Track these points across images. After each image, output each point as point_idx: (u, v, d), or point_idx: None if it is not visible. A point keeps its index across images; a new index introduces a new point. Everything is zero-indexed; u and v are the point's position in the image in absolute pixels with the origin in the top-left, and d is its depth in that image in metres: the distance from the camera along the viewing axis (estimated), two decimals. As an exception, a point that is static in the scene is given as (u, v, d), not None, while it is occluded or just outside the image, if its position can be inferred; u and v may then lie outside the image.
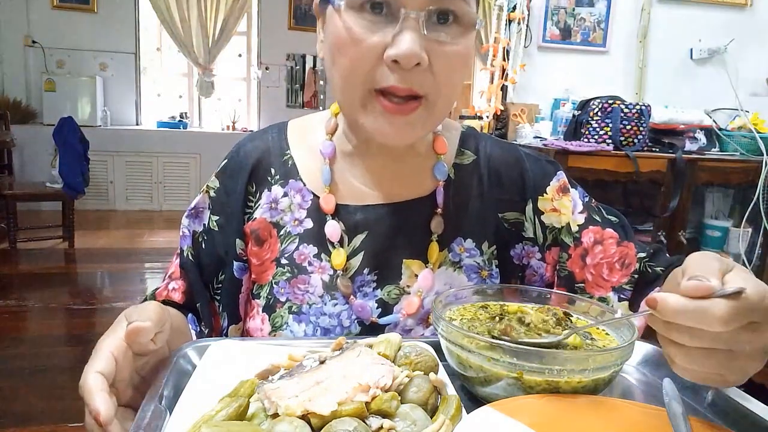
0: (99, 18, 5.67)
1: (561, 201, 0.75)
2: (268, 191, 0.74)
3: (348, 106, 0.64)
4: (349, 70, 0.60)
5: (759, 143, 2.33)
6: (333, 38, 0.61)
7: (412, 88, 0.60)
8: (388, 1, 0.58)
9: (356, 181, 0.74)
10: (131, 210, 5.75)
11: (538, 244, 0.76)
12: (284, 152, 0.76)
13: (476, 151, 0.78)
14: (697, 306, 0.40)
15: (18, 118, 5.20)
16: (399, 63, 0.58)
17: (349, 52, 0.59)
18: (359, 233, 0.72)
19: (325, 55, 0.65)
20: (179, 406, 0.47)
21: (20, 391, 2.28)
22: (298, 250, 0.72)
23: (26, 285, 3.56)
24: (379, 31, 0.58)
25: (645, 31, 2.61)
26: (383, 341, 0.55)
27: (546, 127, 2.49)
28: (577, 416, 0.47)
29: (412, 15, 0.57)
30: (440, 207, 0.73)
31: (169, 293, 0.77)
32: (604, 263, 0.73)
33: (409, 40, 0.57)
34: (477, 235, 0.74)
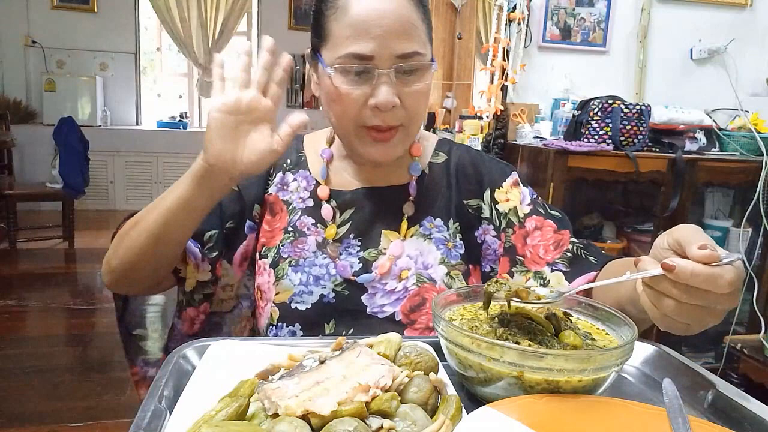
0: (99, 18, 5.67)
1: (513, 192, 0.93)
2: (282, 174, 0.95)
3: (343, 136, 0.86)
4: (341, 115, 0.81)
5: (759, 143, 2.33)
6: (327, 91, 0.81)
7: (390, 123, 0.80)
8: (365, 66, 0.77)
9: (348, 176, 0.94)
10: (131, 210, 5.70)
11: (493, 225, 0.93)
12: (299, 151, 0.97)
13: (448, 153, 0.97)
14: (712, 272, 0.49)
15: (18, 118, 5.20)
16: (379, 108, 0.78)
17: (341, 103, 0.79)
18: (348, 208, 0.91)
19: (322, 100, 0.85)
20: (179, 406, 0.47)
21: (20, 391, 2.28)
22: (300, 219, 0.91)
23: (26, 285, 3.56)
24: (362, 85, 0.78)
25: (645, 31, 2.61)
26: (383, 341, 0.55)
27: (546, 127, 2.49)
28: (577, 416, 0.47)
29: (384, 72, 0.77)
30: (412, 195, 0.92)
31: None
32: (540, 245, 0.88)
33: (385, 92, 0.77)
34: (444, 215, 0.92)
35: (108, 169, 5.62)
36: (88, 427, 2.06)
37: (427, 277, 0.86)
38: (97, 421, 2.10)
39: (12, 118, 4.89)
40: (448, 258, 0.88)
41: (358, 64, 0.77)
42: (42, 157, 4.96)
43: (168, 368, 0.54)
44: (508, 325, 0.58)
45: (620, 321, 0.58)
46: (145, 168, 5.76)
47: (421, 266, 0.87)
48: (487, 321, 0.59)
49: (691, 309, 0.51)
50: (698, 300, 0.50)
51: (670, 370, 0.61)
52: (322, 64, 0.80)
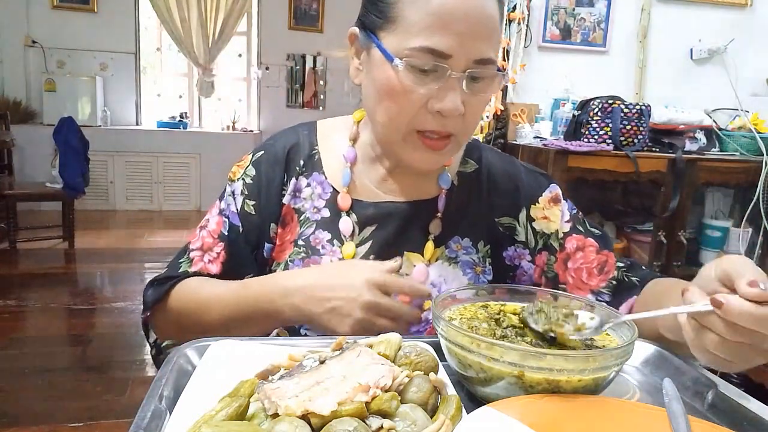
0: (99, 18, 5.67)
1: (552, 210, 0.85)
2: (295, 180, 0.84)
3: (389, 139, 0.75)
4: (396, 114, 0.71)
5: (759, 143, 2.33)
6: (382, 84, 0.71)
7: (449, 131, 0.72)
8: (440, 66, 0.67)
9: (372, 183, 0.84)
10: (131, 210, 5.75)
11: (528, 248, 0.85)
12: (313, 147, 0.85)
13: (479, 161, 0.87)
14: (762, 313, 0.46)
15: (18, 118, 5.19)
16: (442, 114, 0.69)
17: (398, 100, 0.70)
18: (369, 225, 0.82)
19: (367, 89, 0.75)
20: (179, 406, 0.47)
21: (20, 391, 2.28)
22: (314, 234, 0.81)
23: (26, 285, 3.56)
24: (426, 84, 0.68)
25: (645, 31, 2.61)
26: (383, 341, 0.55)
27: (546, 127, 2.49)
28: (577, 416, 0.47)
29: (457, 76, 0.68)
30: (440, 211, 0.83)
31: (205, 266, 0.83)
32: (583, 268, 0.82)
33: (454, 98, 0.68)
34: (474, 234, 0.84)
35: (108, 169, 5.62)
36: (88, 427, 2.06)
37: None
38: (97, 421, 2.10)
39: (12, 118, 4.88)
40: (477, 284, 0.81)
41: (433, 61, 0.67)
42: (42, 157, 4.96)
43: (168, 368, 0.54)
44: (502, 325, 0.58)
45: (620, 321, 0.58)
46: (145, 168, 5.76)
47: None
48: (486, 320, 0.59)
49: (736, 346, 0.48)
50: (745, 338, 0.48)
51: (670, 370, 0.61)
52: (381, 51, 0.70)
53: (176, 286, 0.82)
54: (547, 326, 0.56)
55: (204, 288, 0.79)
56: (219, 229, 0.83)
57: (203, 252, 0.83)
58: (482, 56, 0.68)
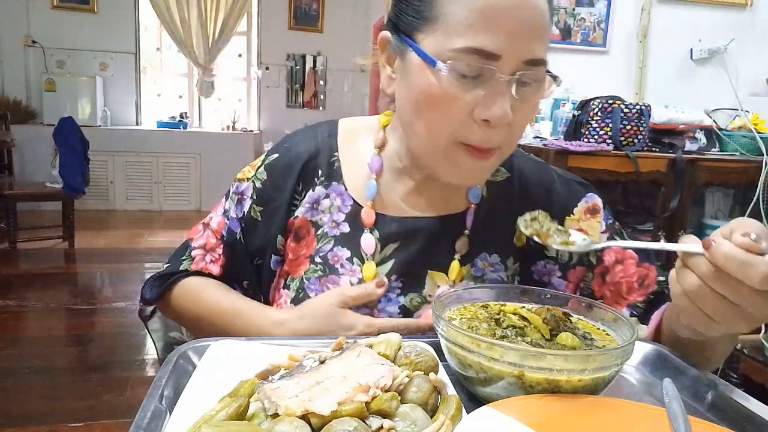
0: (99, 18, 5.67)
1: (589, 222, 0.78)
2: (312, 191, 0.77)
3: (429, 152, 0.68)
4: (437, 124, 0.65)
5: (759, 143, 2.33)
6: (423, 92, 0.63)
7: (494, 144, 0.65)
8: (487, 69, 0.61)
9: (397, 196, 0.77)
10: (131, 210, 5.75)
11: (559, 263, 0.79)
12: (333, 153, 0.79)
13: (510, 169, 0.81)
14: (746, 258, 0.45)
15: (18, 118, 5.19)
16: (490, 123, 0.62)
17: (441, 109, 0.63)
18: (392, 242, 0.76)
19: (405, 102, 0.68)
20: (179, 406, 0.47)
21: (20, 391, 2.28)
22: (333, 251, 0.76)
23: (26, 285, 3.56)
24: (471, 90, 0.61)
25: (645, 31, 2.61)
26: (383, 341, 0.55)
27: (546, 127, 2.49)
28: (577, 416, 0.47)
29: (506, 80, 0.61)
30: (468, 228, 0.77)
31: (206, 266, 0.81)
32: (623, 282, 0.76)
33: (503, 104, 0.61)
34: (503, 251, 0.78)
35: (108, 169, 5.62)
36: (88, 427, 2.06)
37: None
38: (97, 421, 2.10)
39: (12, 118, 4.89)
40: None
41: (480, 62, 0.60)
42: (42, 157, 4.96)
43: (168, 368, 0.54)
44: (502, 325, 0.58)
45: (620, 321, 0.58)
46: (145, 168, 5.76)
47: None
48: (486, 320, 0.59)
49: (717, 300, 0.47)
50: (727, 291, 0.46)
51: (670, 370, 0.61)
52: (421, 55, 0.63)
53: (177, 283, 0.81)
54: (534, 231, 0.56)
55: (204, 295, 0.78)
56: (220, 230, 0.81)
57: (206, 251, 0.81)
58: (533, 56, 0.61)
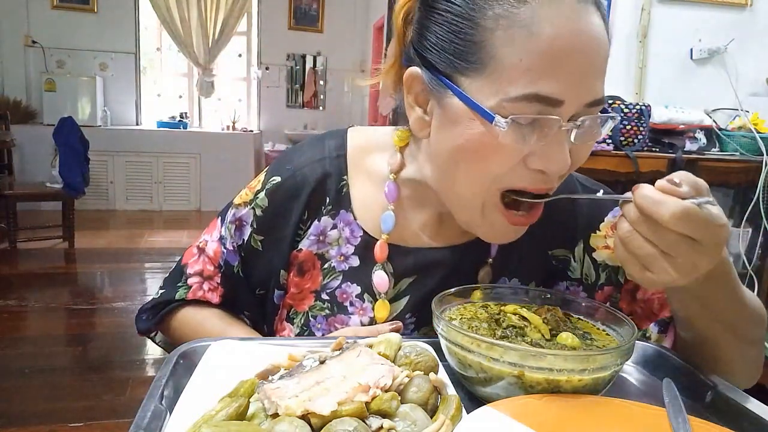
0: (99, 18, 5.68)
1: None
2: (318, 221, 0.70)
3: (464, 206, 0.61)
4: (483, 176, 0.57)
5: (759, 143, 2.33)
6: (471, 143, 0.55)
7: (544, 189, 0.58)
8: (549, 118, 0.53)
9: (414, 226, 0.71)
10: (131, 210, 5.75)
11: (584, 284, 0.74)
12: (341, 177, 0.71)
13: None
14: (659, 197, 0.46)
15: (18, 118, 5.20)
16: (547, 174, 0.56)
17: (491, 159, 0.55)
18: (408, 276, 0.70)
19: (443, 150, 0.59)
20: (179, 406, 0.47)
21: (20, 391, 2.28)
22: (341, 288, 0.70)
23: (26, 285, 3.56)
24: (529, 138, 0.54)
25: (645, 31, 2.61)
26: (383, 341, 0.55)
27: (546, 127, 2.49)
28: (577, 416, 0.47)
29: (569, 128, 0.54)
30: (492, 256, 0.71)
31: (205, 294, 0.76)
32: (655, 299, 0.71)
33: (563, 153, 0.54)
34: (524, 275, 0.72)
35: (108, 169, 5.63)
36: (88, 427, 2.06)
37: None
38: (97, 421, 2.10)
39: (12, 118, 4.89)
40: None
41: (540, 110, 0.52)
42: (42, 157, 4.96)
43: (168, 368, 0.53)
44: (502, 325, 0.58)
45: (620, 321, 0.58)
46: (145, 168, 5.76)
47: None
48: (486, 320, 0.59)
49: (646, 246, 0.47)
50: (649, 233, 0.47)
51: (670, 370, 0.61)
52: (469, 104, 0.54)
53: (175, 314, 0.77)
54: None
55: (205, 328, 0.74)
56: (217, 259, 0.75)
57: (203, 279, 0.76)
58: (596, 96, 0.54)
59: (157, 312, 0.78)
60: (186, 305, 0.77)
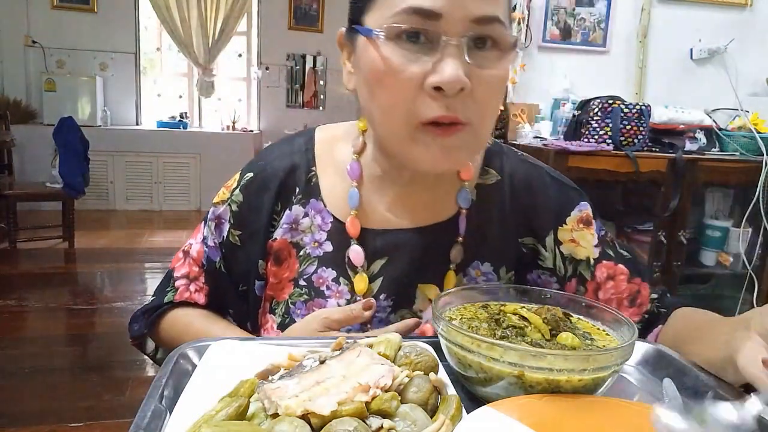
0: (99, 18, 5.67)
1: (582, 233, 0.74)
2: (290, 210, 0.73)
3: (394, 140, 0.63)
4: (390, 103, 0.59)
5: (759, 143, 2.33)
6: (369, 70, 0.59)
7: (457, 116, 0.58)
8: (428, 30, 0.56)
9: (381, 207, 0.72)
10: (131, 210, 5.75)
11: (557, 275, 0.75)
12: (310, 168, 0.74)
13: (500, 171, 0.76)
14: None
15: (18, 118, 5.19)
16: (443, 90, 0.56)
17: (388, 84, 0.58)
18: (379, 258, 0.71)
19: (359, 88, 0.64)
20: (179, 406, 0.47)
21: (20, 391, 2.28)
22: (317, 273, 0.72)
23: (26, 285, 3.56)
24: (418, 60, 0.57)
25: (645, 31, 2.61)
26: (383, 341, 0.55)
27: (546, 127, 2.49)
28: (577, 416, 0.47)
29: (454, 42, 0.56)
30: (461, 235, 0.72)
31: (191, 295, 0.78)
32: (614, 299, 0.73)
33: (453, 67, 0.55)
34: (495, 259, 0.74)
35: (108, 169, 5.62)
36: (88, 427, 2.06)
37: None
38: (97, 421, 2.10)
39: (12, 118, 4.88)
40: None
41: (419, 24, 0.56)
42: (42, 157, 4.96)
43: (168, 368, 0.54)
44: (502, 325, 0.58)
45: (620, 321, 0.58)
46: (145, 168, 5.76)
47: None
48: (486, 320, 0.59)
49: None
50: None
51: (670, 370, 0.61)
52: (363, 32, 0.60)
53: (164, 317, 0.79)
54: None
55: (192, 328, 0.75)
56: (200, 258, 0.78)
57: (189, 281, 0.78)
58: (482, 13, 0.56)
59: (146, 318, 0.80)
60: (174, 308, 0.79)
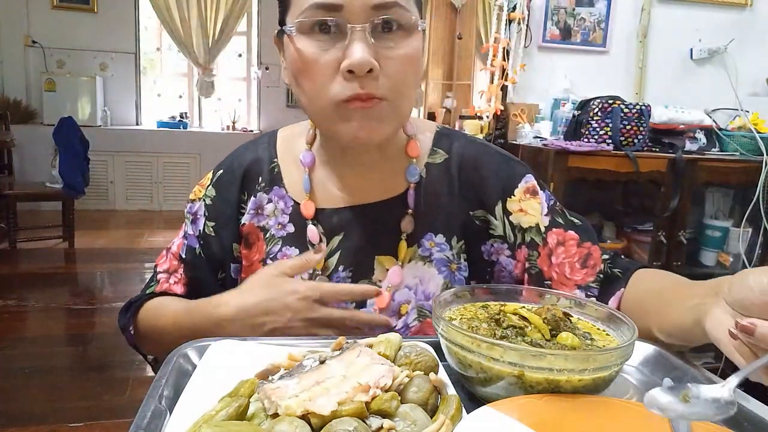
0: (99, 18, 5.67)
1: (529, 203, 0.80)
2: (254, 197, 0.81)
3: (323, 120, 0.70)
4: (313, 90, 0.67)
5: (759, 143, 2.33)
6: (292, 63, 0.68)
7: (371, 92, 0.65)
8: (335, 21, 0.64)
9: (334, 188, 0.79)
10: (131, 210, 5.75)
11: (507, 242, 0.81)
12: (272, 160, 0.82)
13: (448, 151, 0.82)
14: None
15: (18, 118, 5.20)
16: (354, 72, 0.63)
17: (309, 73, 0.66)
18: (336, 235, 0.78)
19: (290, 80, 0.72)
20: (179, 406, 0.47)
21: (20, 391, 2.29)
22: (282, 251, 0.79)
23: (26, 285, 3.56)
24: (331, 48, 0.65)
25: (645, 31, 2.61)
26: (383, 341, 0.55)
27: (546, 127, 2.49)
28: (577, 416, 0.47)
29: (358, 28, 0.63)
30: (411, 208, 0.78)
31: (170, 286, 0.83)
32: (566, 263, 0.78)
33: (359, 50, 0.63)
34: (446, 230, 0.79)
35: (108, 169, 5.63)
36: (88, 427, 2.06)
37: (429, 310, 0.76)
38: (97, 421, 2.10)
39: (12, 118, 4.89)
40: (452, 283, 0.78)
41: (324, 16, 0.63)
42: (42, 157, 4.96)
43: (168, 368, 0.54)
44: (502, 325, 0.58)
45: (620, 321, 0.58)
46: (145, 168, 5.76)
47: (422, 296, 0.77)
48: (486, 320, 0.59)
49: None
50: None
51: (670, 370, 0.61)
52: (283, 31, 0.69)
53: (142, 307, 0.82)
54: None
55: (162, 309, 0.80)
56: (179, 252, 0.84)
57: (169, 274, 0.84)
58: (380, 1, 0.63)
59: (130, 308, 0.83)
60: (151, 298, 0.83)
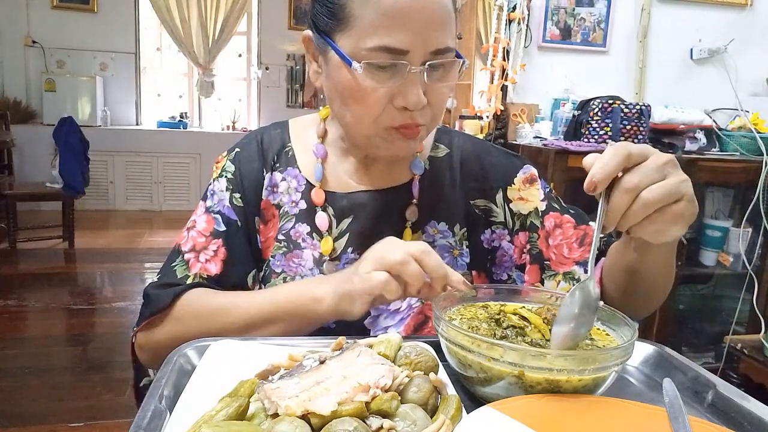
0: (99, 18, 5.67)
1: (528, 191, 0.86)
2: (271, 176, 0.85)
3: (365, 139, 0.75)
4: (362, 114, 0.72)
5: (759, 143, 2.33)
6: (344, 87, 0.71)
7: (419, 122, 0.73)
8: (398, 63, 0.68)
9: (345, 175, 0.85)
10: (131, 210, 5.75)
11: (508, 228, 0.86)
12: (286, 144, 0.87)
13: (450, 146, 0.89)
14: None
15: (18, 118, 5.19)
16: (408, 109, 0.70)
17: (362, 102, 0.70)
18: (346, 217, 0.83)
19: (330, 92, 0.75)
20: (179, 406, 0.47)
21: (20, 391, 2.28)
22: (294, 228, 0.83)
23: (26, 285, 3.56)
24: (387, 81, 0.69)
25: (645, 31, 2.61)
26: (383, 341, 0.55)
27: (546, 127, 2.49)
28: (577, 416, 0.47)
29: (416, 70, 0.68)
30: (415, 197, 0.84)
31: (203, 265, 0.80)
32: (563, 243, 0.84)
33: (417, 93, 0.69)
34: (449, 218, 0.85)
35: (108, 169, 5.62)
36: (88, 427, 2.06)
37: None
38: (97, 421, 2.10)
39: (12, 118, 4.89)
40: (454, 268, 0.80)
41: (390, 59, 0.67)
42: (42, 157, 4.96)
43: (168, 368, 0.54)
44: (502, 325, 0.58)
45: (620, 321, 0.58)
46: (145, 168, 5.76)
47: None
48: (486, 320, 0.59)
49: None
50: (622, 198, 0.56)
51: (670, 370, 0.61)
52: (337, 53, 0.70)
53: (182, 295, 0.77)
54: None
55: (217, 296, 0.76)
56: (210, 227, 0.82)
57: (197, 252, 0.81)
58: (439, 46, 0.69)
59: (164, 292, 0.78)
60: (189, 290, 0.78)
